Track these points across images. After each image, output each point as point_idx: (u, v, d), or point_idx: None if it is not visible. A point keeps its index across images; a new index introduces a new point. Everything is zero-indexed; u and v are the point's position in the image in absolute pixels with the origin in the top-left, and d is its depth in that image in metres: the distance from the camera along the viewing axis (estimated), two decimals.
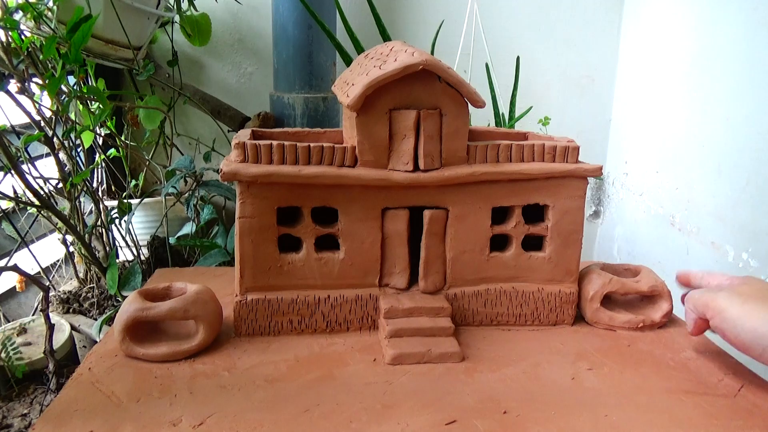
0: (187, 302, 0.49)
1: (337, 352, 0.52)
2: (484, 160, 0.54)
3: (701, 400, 0.45)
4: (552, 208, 0.56)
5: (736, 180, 1.01)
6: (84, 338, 0.90)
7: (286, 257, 0.53)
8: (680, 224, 1.18)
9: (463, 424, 0.42)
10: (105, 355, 0.50)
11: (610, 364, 0.51)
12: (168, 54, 1.23)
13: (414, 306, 0.53)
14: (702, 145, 1.11)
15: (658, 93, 1.28)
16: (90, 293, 0.98)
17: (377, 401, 0.44)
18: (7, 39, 0.79)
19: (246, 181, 0.50)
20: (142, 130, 1.21)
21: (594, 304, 0.57)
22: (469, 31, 1.27)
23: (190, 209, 0.97)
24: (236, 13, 1.37)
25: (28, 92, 0.81)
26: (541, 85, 1.46)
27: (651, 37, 1.32)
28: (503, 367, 0.50)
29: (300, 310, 0.54)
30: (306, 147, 0.51)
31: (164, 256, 1.04)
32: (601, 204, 1.56)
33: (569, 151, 0.54)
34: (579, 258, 0.57)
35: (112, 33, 0.97)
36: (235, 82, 1.42)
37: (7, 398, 0.73)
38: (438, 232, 0.55)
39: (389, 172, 0.52)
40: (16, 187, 0.83)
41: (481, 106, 0.51)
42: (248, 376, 0.47)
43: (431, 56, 0.49)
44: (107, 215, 0.97)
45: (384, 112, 0.51)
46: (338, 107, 1.28)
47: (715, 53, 1.08)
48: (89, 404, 0.43)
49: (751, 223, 0.98)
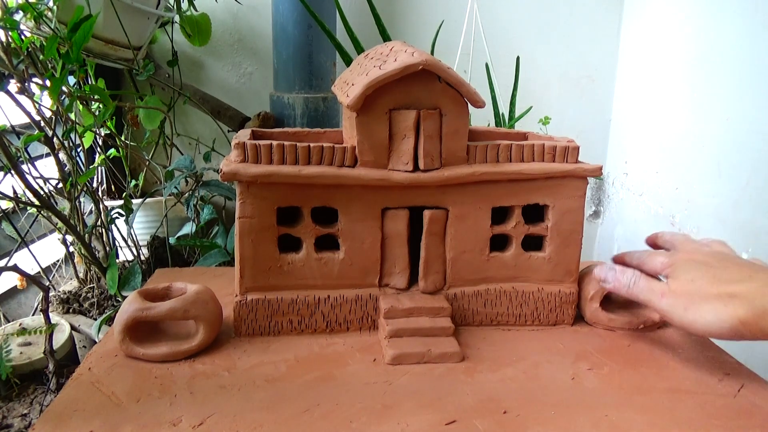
0: (187, 302, 0.49)
1: (337, 352, 0.52)
2: (484, 160, 0.54)
3: (701, 400, 0.45)
4: (552, 208, 0.56)
5: (736, 180, 1.01)
6: (84, 338, 0.90)
7: (286, 257, 0.53)
8: (680, 224, 1.18)
9: (463, 424, 0.42)
10: (105, 355, 0.50)
11: (610, 364, 0.51)
12: (168, 54, 1.23)
13: (414, 306, 0.53)
14: (702, 145, 1.11)
15: (658, 93, 1.28)
16: (90, 293, 0.98)
17: (377, 401, 0.44)
18: (7, 39, 0.79)
19: (246, 181, 0.50)
20: (142, 130, 1.21)
21: (594, 305, 0.57)
22: (469, 31, 1.27)
23: (190, 209, 0.97)
24: (236, 13, 1.37)
25: (28, 92, 0.81)
26: (541, 85, 1.46)
27: (651, 37, 1.32)
28: (503, 367, 0.50)
29: (300, 310, 0.54)
30: (306, 147, 0.51)
31: (164, 256, 1.04)
32: (601, 204, 1.56)
33: (569, 151, 0.55)
34: (579, 258, 0.57)
35: (112, 33, 0.97)
36: (235, 82, 1.42)
37: (7, 398, 0.73)
38: (438, 232, 0.55)
39: (389, 172, 0.52)
40: (16, 187, 0.83)
41: (481, 106, 0.51)
42: (248, 376, 0.47)
43: (431, 56, 0.49)
44: (107, 215, 0.97)
45: (384, 112, 0.51)
46: (338, 107, 1.28)
47: (715, 53, 1.08)
48: (89, 404, 0.43)
49: (751, 223, 0.98)
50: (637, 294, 0.50)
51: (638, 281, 0.50)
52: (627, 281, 0.51)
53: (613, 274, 0.52)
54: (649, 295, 0.49)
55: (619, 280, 0.51)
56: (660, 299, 0.48)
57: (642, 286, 0.49)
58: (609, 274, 0.52)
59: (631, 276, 0.50)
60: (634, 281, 0.50)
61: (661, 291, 0.48)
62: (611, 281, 0.52)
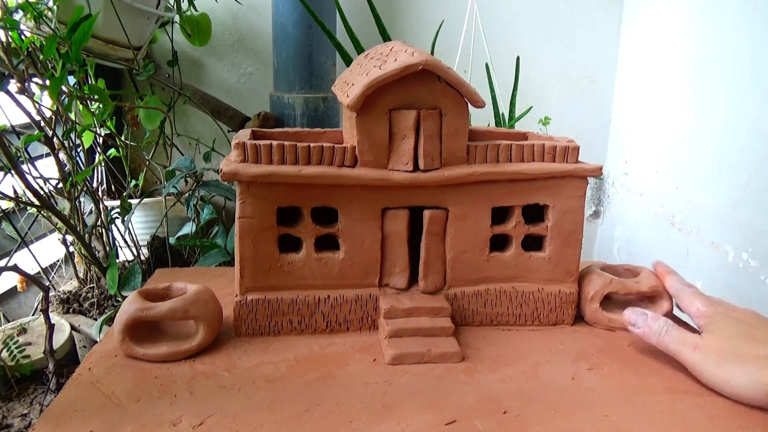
0: (187, 302, 0.49)
1: (337, 352, 0.52)
2: (484, 160, 0.54)
3: (701, 400, 0.45)
4: (552, 208, 0.56)
5: (736, 180, 1.01)
6: (84, 338, 0.90)
7: (286, 257, 0.53)
8: (680, 224, 1.18)
9: (463, 424, 0.42)
10: (105, 355, 0.50)
11: (610, 364, 0.51)
12: (168, 54, 1.23)
13: (414, 306, 0.53)
14: (702, 145, 1.11)
15: (658, 93, 1.28)
16: (90, 293, 0.98)
17: (377, 401, 0.44)
18: (7, 39, 0.79)
19: (246, 181, 0.50)
20: (142, 130, 1.21)
21: (594, 305, 0.57)
22: (469, 31, 1.27)
23: (190, 209, 0.97)
24: (236, 13, 1.37)
25: (28, 92, 0.81)
26: (541, 85, 1.46)
27: (651, 37, 1.32)
28: (503, 367, 0.50)
29: (300, 310, 0.54)
30: (306, 147, 0.51)
31: (164, 256, 1.04)
32: (601, 204, 1.56)
33: (569, 151, 0.55)
34: (579, 258, 0.57)
35: (112, 33, 0.97)
36: (235, 82, 1.42)
37: (7, 398, 0.73)
38: (438, 232, 0.55)
39: (389, 172, 0.52)
40: (16, 187, 0.83)
41: (481, 106, 0.51)
42: (248, 376, 0.47)
43: (431, 56, 0.49)
44: (107, 215, 0.97)
45: (384, 112, 0.51)
46: (338, 107, 1.28)
47: (715, 53, 1.08)
48: (89, 404, 0.43)
49: (751, 223, 0.98)
50: (668, 344, 0.48)
51: (670, 330, 0.48)
52: (658, 329, 0.49)
53: (644, 320, 0.50)
54: (680, 346, 0.47)
55: (651, 327, 0.49)
56: (691, 352, 0.46)
57: (674, 336, 0.48)
58: (640, 319, 0.50)
59: (663, 324, 0.49)
60: (666, 330, 0.48)
61: (694, 344, 0.46)
62: (641, 327, 0.50)
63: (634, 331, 0.51)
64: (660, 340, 0.49)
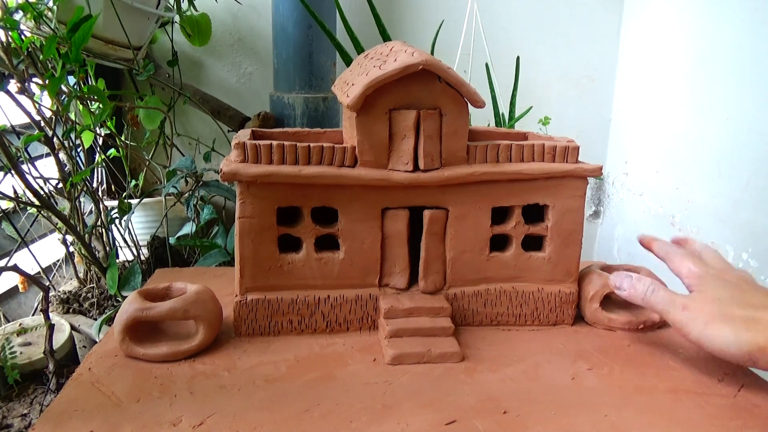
0: (187, 302, 0.49)
1: (337, 352, 0.52)
2: (484, 160, 0.54)
3: (701, 400, 0.45)
4: (552, 208, 0.56)
5: (736, 180, 1.01)
6: (84, 338, 0.90)
7: (286, 257, 0.53)
8: (680, 224, 1.18)
9: (463, 424, 0.42)
10: (105, 355, 0.50)
11: (610, 364, 0.51)
12: (168, 54, 1.23)
13: (414, 306, 0.53)
14: (702, 145, 1.11)
15: (658, 93, 1.28)
16: (90, 293, 0.98)
17: (377, 401, 0.44)
18: (7, 39, 0.79)
19: (246, 181, 0.50)
20: (142, 130, 1.21)
21: (594, 305, 0.57)
22: (469, 31, 1.27)
23: (190, 209, 0.97)
24: (236, 13, 1.37)
25: (28, 92, 0.81)
26: (541, 85, 1.46)
27: (651, 37, 1.32)
28: (503, 367, 0.50)
29: (300, 310, 0.54)
30: (306, 147, 0.51)
31: (164, 256, 1.04)
32: (601, 204, 1.56)
33: (569, 151, 0.55)
34: (579, 258, 0.57)
35: (112, 33, 0.97)
36: (235, 82, 1.42)
37: (7, 398, 0.73)
38: (438, 232, 0.55)
39: (389, 172, 0.52)
40: (16, 187, 0.83)
41: (481, 106, 0.51)
42: (248, 376, 0.47)
43: (431, 56, 0.49)
44: (107, 215, 0.97)
45: (384, 112, 0.51)
46: (338, 107, 1.28)
47: (715, 53, 1.08)
48: (89, 404, 0.43)
49: (751, 223, 0.98)
50: (654, 304, 0.48)
51: (657, 291, 0.48)
52: (644, 289, 0.49)
53: (630, 281, 0.50)
54: (668, 306, 0.47)
55: (636, 287, 0.49)
56: (680, 311, 0.46)
57: (662, 296, 0.48)
58: (625, 281, 0.50)
59: (649, 284, 0.49)
60: (651, 290, 0.48)
61: (683, 304, 0.46)
62: (626, 289, 0.50)
63: (621, 294, 0.51)
64: (647, 300, 0.48)
